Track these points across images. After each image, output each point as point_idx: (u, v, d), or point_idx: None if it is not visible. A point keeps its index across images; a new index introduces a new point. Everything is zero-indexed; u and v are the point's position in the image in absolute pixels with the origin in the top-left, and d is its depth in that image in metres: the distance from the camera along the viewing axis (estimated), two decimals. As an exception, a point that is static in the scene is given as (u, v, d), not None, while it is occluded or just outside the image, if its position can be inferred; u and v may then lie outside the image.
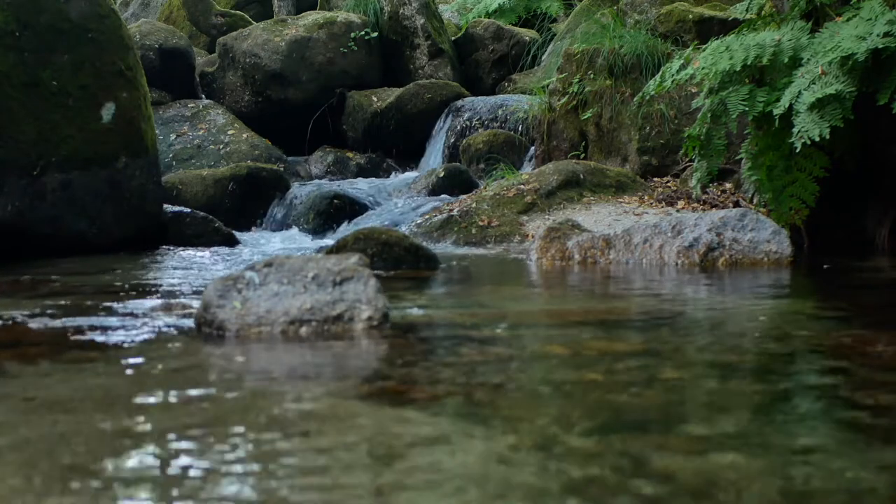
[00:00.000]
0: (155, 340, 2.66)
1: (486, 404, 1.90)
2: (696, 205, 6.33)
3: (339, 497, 1.37)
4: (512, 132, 8.73)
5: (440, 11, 11.28)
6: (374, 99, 9.84)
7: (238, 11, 11.96)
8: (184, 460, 1.54)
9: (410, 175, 9.07)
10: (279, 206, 7.80)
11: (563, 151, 7.75)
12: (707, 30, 7.43)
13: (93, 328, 2.82)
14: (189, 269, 4.85)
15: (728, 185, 6.64)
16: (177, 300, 3.57)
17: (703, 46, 5.28)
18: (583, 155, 7.64)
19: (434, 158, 9.31)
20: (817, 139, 4.40)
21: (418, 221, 6.43)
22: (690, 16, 7.78)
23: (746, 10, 5.78)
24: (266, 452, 1.58)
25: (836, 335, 2.66)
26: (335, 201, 7.63)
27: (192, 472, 1.49)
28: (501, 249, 5.70)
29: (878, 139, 4.96)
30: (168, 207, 6.41)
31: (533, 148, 8.35)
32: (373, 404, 1.94)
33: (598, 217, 6.03)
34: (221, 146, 9.26)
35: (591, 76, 7.65)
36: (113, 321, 2.95)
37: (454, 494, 1.38)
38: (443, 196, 7.49)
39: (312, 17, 10.38)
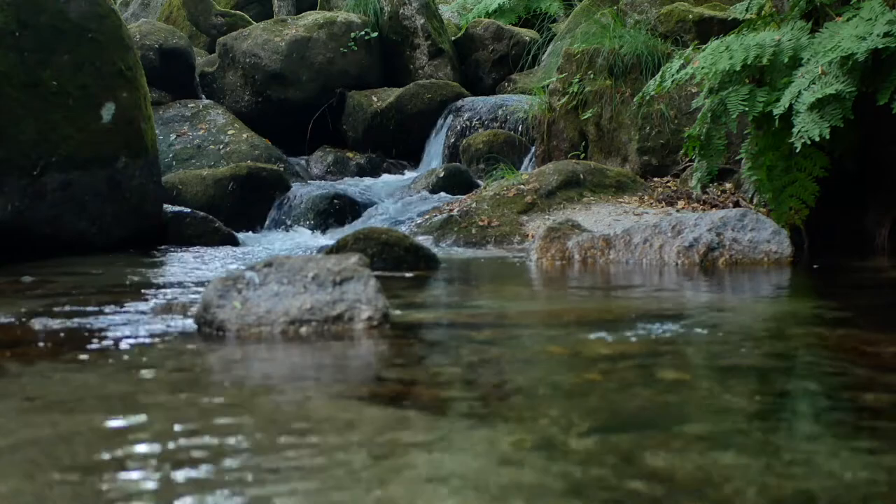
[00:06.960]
0: (155, 340, 2.66)
1: (486, 405, 1.90)
2: (696, 205, 6.33)
3: (338, 498, 1.37)
4: (512, 132, 8.74)
5: (440, 11, 11.29)
6: (374, 99, 9.84)
7: (238, 11, 11.97)
8: (183, 461, 1.54)
9: (410, 175, 9.07)
10: (279, 207, 7.80)
11: (563, 151, 7.75)
12: (707, 30, 7.44)
13: (93, 328, 2.82)
14: (189, 269, 4.84)
15: (728, 185, 6.64)
16: (177, 300, 3.57)
17: (703, 46, 5.28)
18: (583, 155, 7.64)
19: (434, 158, 9.32)
20: (817, 139, 4.40)
21: (418, 221, 6.43)
22: (690, 16, 7.78)
23: (746, 10, 5.78)
24: (266, 453, 1.58)
25: (836, 335, 2.66)
26: (335, 201, 7.64)
27: (191, 472, 1.49)
28: (501, 249, 5.70)
29: (878, 139, 4.96)
30: (168, 207, 6.41)
31: (533, 148, 8.35)
32: (373, 404, 1.94)
33: (598, 217, 6.03)
34: (221, 146, 9.26)
35: (591, 76, 7.65)
36: (113, 321, 2.95)
37: (454, 495, 1.38)
38: (443, 196, 7.50)
39: (312, 17, 10.38)
